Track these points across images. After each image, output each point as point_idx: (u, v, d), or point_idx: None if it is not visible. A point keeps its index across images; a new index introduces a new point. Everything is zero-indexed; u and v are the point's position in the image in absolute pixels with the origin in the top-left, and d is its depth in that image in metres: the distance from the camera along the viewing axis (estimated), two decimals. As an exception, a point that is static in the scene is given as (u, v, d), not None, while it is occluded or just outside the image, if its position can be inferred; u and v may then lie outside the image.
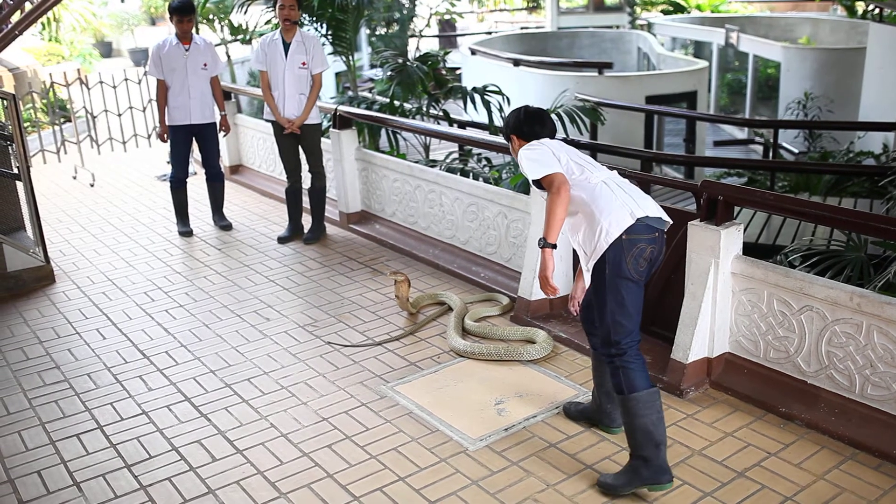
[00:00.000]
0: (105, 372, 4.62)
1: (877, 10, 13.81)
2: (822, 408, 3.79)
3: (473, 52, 15.65)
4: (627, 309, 3.32)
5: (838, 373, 3.75)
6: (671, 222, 3.40)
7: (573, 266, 5.01)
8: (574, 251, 3.88)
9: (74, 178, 9.20)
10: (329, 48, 9.08)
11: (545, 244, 3.33)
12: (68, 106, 10.64)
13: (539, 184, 3.38)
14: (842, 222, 4.18)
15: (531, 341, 4.68)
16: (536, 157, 3.41)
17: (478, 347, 4.59)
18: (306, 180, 6.74)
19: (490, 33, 23.47)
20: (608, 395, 3.72)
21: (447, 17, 21.38)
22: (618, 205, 3.29)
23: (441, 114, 8.79)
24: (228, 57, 13.44)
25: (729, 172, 10.78)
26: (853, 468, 3.48)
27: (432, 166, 7.23)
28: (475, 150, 8.32)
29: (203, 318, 5.30)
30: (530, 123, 3.63)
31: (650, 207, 3.33)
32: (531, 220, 5.04)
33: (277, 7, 6.34)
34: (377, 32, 15.70)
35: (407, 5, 14.76)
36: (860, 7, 18.11)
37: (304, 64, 6.32)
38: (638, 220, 3.25)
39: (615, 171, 3.55)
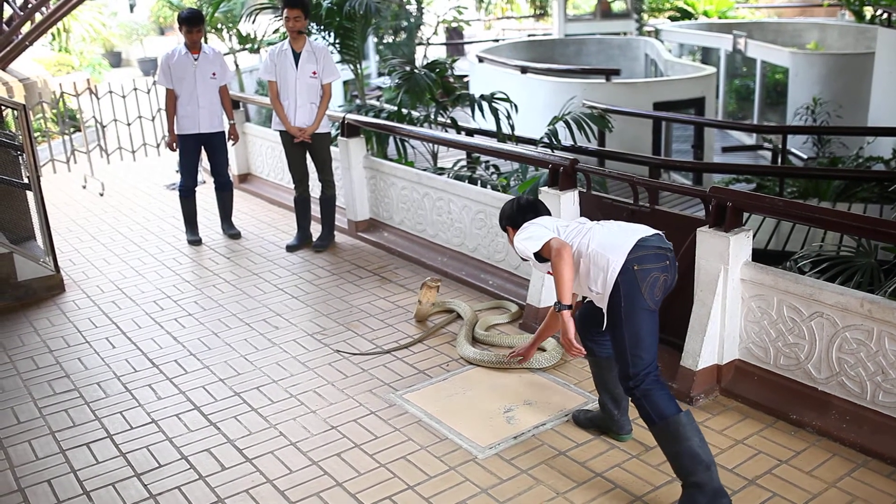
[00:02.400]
0: (114, 381, 4.63)
1: (885, 15, 13.77)
2: (833, 415, 3.77)
3: (481, 60, 15.68)
4: (644, 340, 3.29)
5: (849, 379, 3.73)
6: (671, 245, 3.42)
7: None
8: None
9: (84, 187, 9.24)
10: (337, 57, 9.12)
11: (561, 307, 3.37)
12: (78, 116, 10.68)
13: (540, 257, 3.45)
14: (852, 228, 4.16)
15: (541, 349, 4.67)
16: (528, 235, 3.50)
17: (487, 355, 4.59)
18: (315, 189, 6.75)
19: (497, 41, 23.53)
20: (615, 402, 3.71)
21: (454, 25, 21.41)
22: (615, 234, 3.36)
23: (449, 121, 8.80)
24: (237, 66, 13.50)
25: (737, 178, 10.76)
26: (865, 476, 3.46)
27: (440, 174, 7.23)
28: (483, 158, 8.33)
29: (212, 327, 5.31)
30: (523, 213, 3.71)
31: (647, 230, 3.38)
32: (539, 228, 5.03)
33: (284, 17, 6.36)
34: (385, 41, 15.77)
35: (414, 14, 14.81)
36: (868, 12, 18.07)
37: (314, 73, 6.35)
38: (639, 241, 3.28)
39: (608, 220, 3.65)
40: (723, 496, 3.16)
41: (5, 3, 12.35)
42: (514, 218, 3.72)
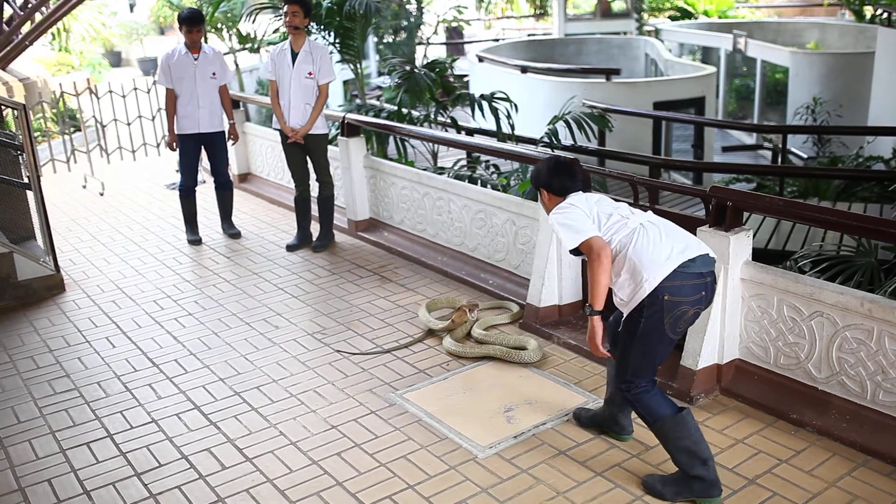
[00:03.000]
0: (115, 380, 4.63)
1: (885, 15, 13.77)
2: (833, 414, 3.77)
3: (481, 60, 15.68)
4: (652, 360, 3.29)
5: (849, 379, 3.73)
6: (715, 259, 3.30)
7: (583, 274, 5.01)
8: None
9: (84, 187, 9.24)
10: (337, 56, 9.12)
11: (592, 312, 3.26)
12: (78, 115, 10.68)
13: (577, 250, 3.29)
14: (852, 227, 4.16)
15: (522, 348, 4.67)
16: (570, 223, 3.27)
17: (463, 348, 4.72)
18: (315, 188, 6.76)
19: (497, 40, 23.54)
20: (620, 406, 3.70)
21: (454, 24, 21.40)
22: (658, 246, 3.18)
23: (449, 121, 8.80)
24: (237, 66, 13.50)
25: (738, 178, 10.77)
26: (865, 475, 3.46)
27: (440, 173, 7.23)
28: (483, 157, 8.33)
29: (212, 327, 5.31)
30: (560, 177, 3.48)
31: (693, 247, 3.21)
32: (539, 227, 5.03)
33: (283, 13, 6.36)
34: (385, 40, 15.77)
35: (414, 13, 14.81)
36: (868, 11, 18.07)
37: (310, 74, 6.33)
38: (680, 267, 3.14)
39: (650, 212, 3.44)
40: (716, 486, 3.29)
41: (5, 3, 12.35)
42: (549, 180, 3.48)
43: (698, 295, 3.19)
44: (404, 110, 8.46)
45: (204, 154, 7.12)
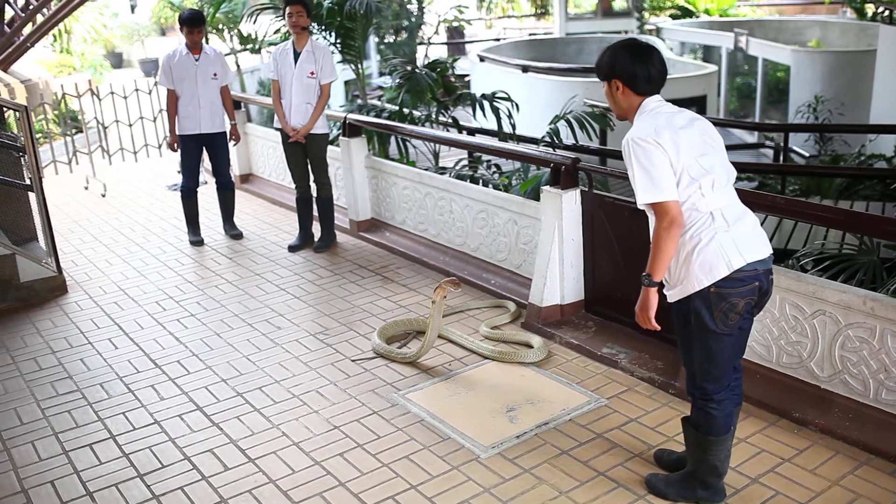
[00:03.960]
0: (117, 382, 4.64)
1: (886, 13, 13.76)
2: (836, 413, 3.76)
3: (482, 59, 15.69)
4: (716, 359, 3.03)
5: (852, 377, 3.72)
6: (772, 254, 3.04)
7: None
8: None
9: (86, 188, 9.25)
10: (338, 56, 9.12)
11: (650, 283, 2.96)
12: (80, 117, 10.70)
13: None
14: (854, 226, 4.16)
15: (528, 345, 4.67)
16: (651, 168, 2.86)
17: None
18: (314, 189, 6.75)
19: (498, 40, 23.55)
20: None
21: (455, 24, 21.40)
22: (717, 251, 2.89)
23: (450, 121, 8.80)
24: (238, 66, 13.50)
25: (739, 177, 10.73)
26: (868, 473, 3.45)
27: (442, 173, 7.24)
28: (485, 157, 8.33)
29: (214, 328, 5.31)
30: (646, 65, 2.97)
31: (755, 248, 2.95)
32: (541, 227, 5.03)
33: (286, 14, 6.37)
34: (386, 40, 15.77)
35: (415, 13, 14.81)
36: (870, 9, 18.05)
37: (312, 73, 6.34)
38: (735, 271, 2.90)
39: (734, 193, 3.04)
40: (721, 493, 3.27)
41: (7, 5, 12.37)
42: (633, 67, 2.96)
43: (751, 286, 2.94)
44: (405, 110, 8.47)
45: (205, 155, 7.13)
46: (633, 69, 2.98)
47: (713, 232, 2.91)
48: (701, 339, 3.02)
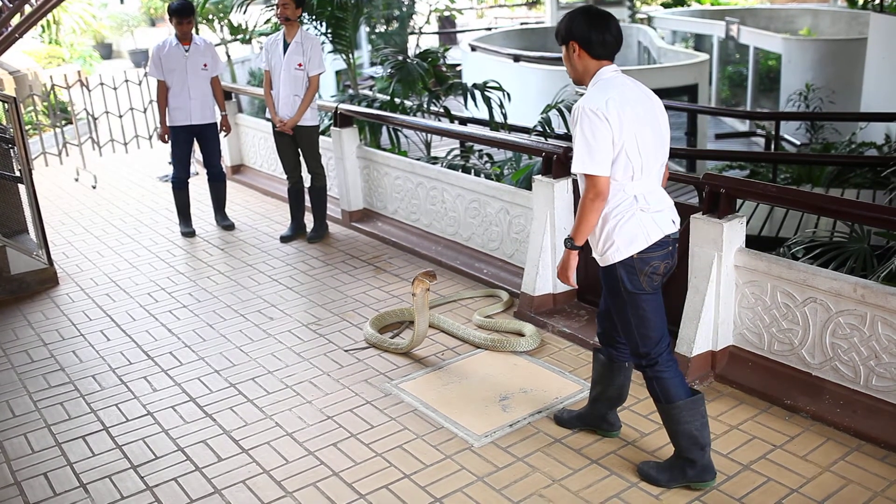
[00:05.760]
0: (110, 373, 4.63)
1: (877, 1, 13.77)
2: (827, 399, 3.79)
3: (473, 49, 15.66)
4: (650, 320, 3.23)
5: (843, 364, 3.75)
6: (679, 227, 3.27)
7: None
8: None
9: (76, 180, 9.21)
10: (329, 46, 9.09)
11: (572, 246, 3.19)
12: (69, 108, 10.65)
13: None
14: (844, 213, 4.17)
15: (520, 334, 4.68)
16: (592, 142, 3.00)
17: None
18: (307, 179, 6.74)
19: (490, 29, 23.50)
20: (609, 403, 3.65)
21: (446, 13, 21.34)
22: (637, 226, 3.11)
23: (442, 111, 8.79)
24: (228, 57, 13.45)
25: (731, 165, 10.78)
26: (859, 459, 3.48)
27: (434, 163, 7.22)
28: (476, 147, 8.32)
29: (207, 319, 5.31)
30: (601, 31, 3.09)
31: (669, 224, 3.18)
32: (533, 216, 5.03)
33: (275, 6, 6.34)
34: (377, 30, 15.71)
35: (406, 2, 14.76)
36: (861, -3, 18.06)
37: (300, 65, 6.30)
38: (654, 243, 3.14)
39: (660, 178, 3.22)
40: (709, 470, 3.30)
41: (-6, -4, 12.26)
42: (588, 32, 3.09)
43: (665, 250, 3.18)
44: (397, 100, 8.45)
45: (196, 146, 7.10)
46: (589, 33, 3.11)
47: (634, 211, 3.12)
48: (632, 305, 3.21)
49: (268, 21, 10.08)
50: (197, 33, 7.07)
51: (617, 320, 3.33)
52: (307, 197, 6.81)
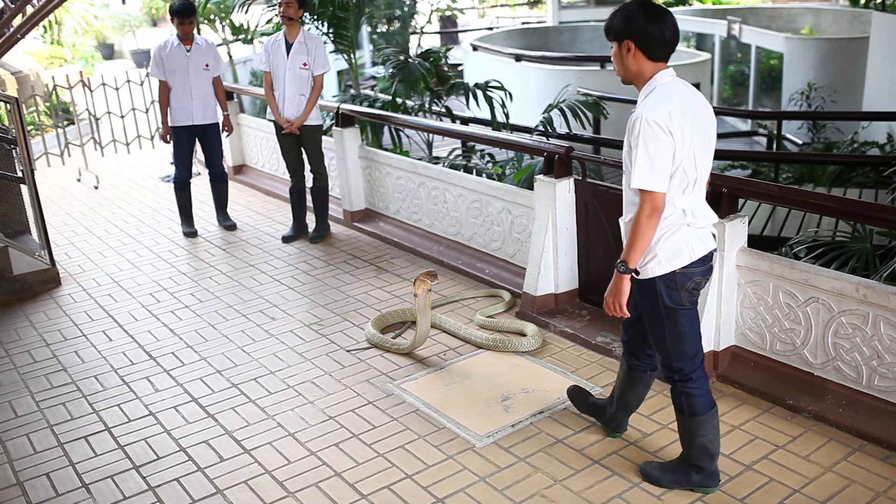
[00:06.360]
0: (112, 374, 4.63)
1: (879, 0, 13.76)
2: (829, 400, 3.78)
3: (475, 48, 15.65)
4: (686, 336, 3.14)
5: (845, 364, 3.74)
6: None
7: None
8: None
9: (78, 180, 9.22)
10: (331, 46, 9.09)
11: (626, 269, 3.00)
12: (71, 109, 10.66)
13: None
14: (847, 213, 4.17)
15: (521, 334, 4.68)
16: (655, 156, 2.85)
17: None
18: (310, 179, 6.74)
19: (491, 29, 23.49)
20: (624, 407, 3.63)
21: (448, 13, 21.35)
22: (683, 241, 3.02)
23: (443, 110, 8.78)
24: (230, 57, 13.46)
25: (733, 165, 10.76)
26: (861, 460, 3.47)
27: (435, 163, 7.23)
28: (478, 147, 8.32)
29: (209, 319, 5.31)
30: (659, 28, 2.89)
31: (710, 238, 3.11)
32: (535, 216, 5.03)
33: (277, 5, 6.34)
34: (378, 30, 15.72)
35: (408, 2, 14.75)
36: (863, -4, 18.04)
37: (304, 65, 6.31)
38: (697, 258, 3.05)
39: (704, 187, 3.10)
40: (714, 476, 3.29)
41: (-4, -4, 12.27)
42: (646, 27, 2.89)
43: (706, 266, 3.11)
44: (399, 100, 8.45)
45: (198, 146, 7.11)
46: (649, 32, 2.90)
47: (680, 225, 3.02)
48: (669, 319, 3.11)
49: (269, 21, 10.08)
50: (198, 33, 7.07)
51: (650, 333, 3.24)
52: (309, 197, 6.82)
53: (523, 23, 27.84)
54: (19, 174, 5.98)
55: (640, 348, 3.42)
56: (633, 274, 3.04)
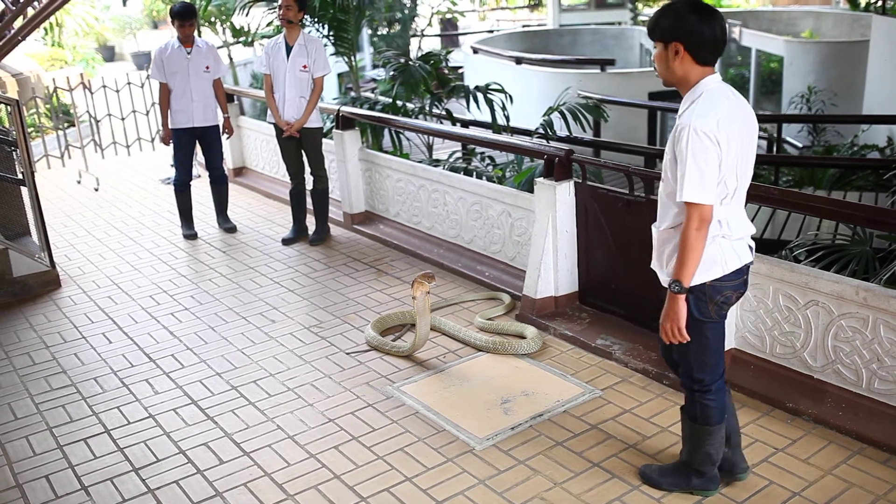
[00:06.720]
0: (111, 376, 4.63)
1: (879, 3, 13.76)
2: (829, 403, 3.78)
3: (475, 51, 15.65)
4: (711, 348, 3.07)
5: (845, 367, 3.74)
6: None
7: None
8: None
9: (79, 182, 9.22)
10: (331, 49, 9.09)
11: (680, 289, 2.87)
12: (72, 111, 10.66)
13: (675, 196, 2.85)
14: (847, 216, 4.17)
15: (521, 336, 4.67)
16: (704, 168, 2.75)
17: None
18: (310, 182, 6.75)
19: (492, 32, 23.47)
20: (726, 438, 3.34)
21: (449, 16, 21.35)
22: (716, 252, 2.92)
23: (444, 113, 8.78)
24: (231, 59, 13.46)
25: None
26: (861, 463, 3.47)
27: (436, 166, 7.23)
28: (478, 149, 8.32)
29: (208, 321, 5.31)
30: (711, 30, 2.74)
31: (747, 252, 3.01)
32: (535, 219, 5.03)
33: (277, 8, 6.34)
34: (379, 32, 15.70)
35: (408, 5, 14.74)
36: (863, 0, 18.04)
37: (305, 67, 6.32)
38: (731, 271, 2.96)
39: (743, 198, 3.01)
40: (715, 481, 3.28)
41: (-4, -2, 12.28)
42: (700, 28, 2.74)
43: (741, 279, 3.01)
44: (399, 103, 8.44)
45: (198, 148, 7.11)
46: (701, 34, 2.75)
47: (714, 236, 2.90)
48: (695, 331, 3.01)
49: (270, 24, 10.08)
50: (199, 36, 7.07)
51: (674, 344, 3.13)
52: (309, 199, 6.82)
53: (524, 26, 27.84)
54: (20, 176, 5.98)
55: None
56: (685, 294, 2.88)
